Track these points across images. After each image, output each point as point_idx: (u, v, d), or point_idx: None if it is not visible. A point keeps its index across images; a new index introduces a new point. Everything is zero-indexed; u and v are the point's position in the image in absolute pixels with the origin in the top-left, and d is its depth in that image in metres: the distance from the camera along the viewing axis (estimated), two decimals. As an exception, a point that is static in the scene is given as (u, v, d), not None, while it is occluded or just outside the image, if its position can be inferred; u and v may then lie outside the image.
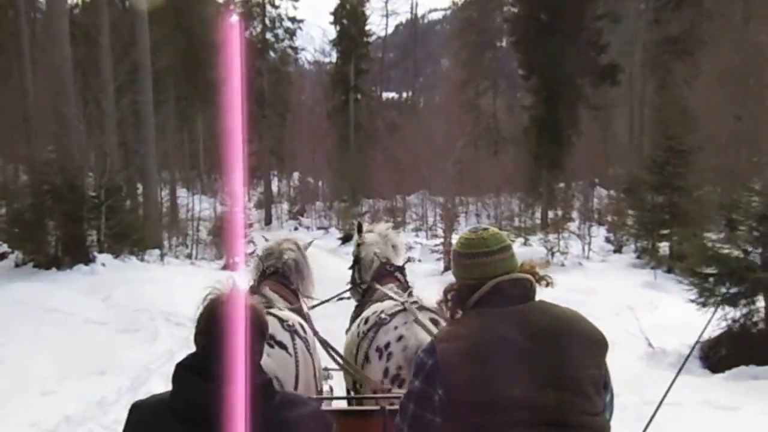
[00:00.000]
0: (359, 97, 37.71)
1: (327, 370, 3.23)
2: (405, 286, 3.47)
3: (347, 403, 2.91)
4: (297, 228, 32.79)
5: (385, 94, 47.38)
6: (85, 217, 11.43)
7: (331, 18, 37.08)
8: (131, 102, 16.26)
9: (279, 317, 2.66)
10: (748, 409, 4.81)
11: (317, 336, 2.97)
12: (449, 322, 1.71)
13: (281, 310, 2.85)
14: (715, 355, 6.21)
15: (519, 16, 25.73)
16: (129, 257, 12.33)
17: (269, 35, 34.65)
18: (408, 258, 4.11)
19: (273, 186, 38.54)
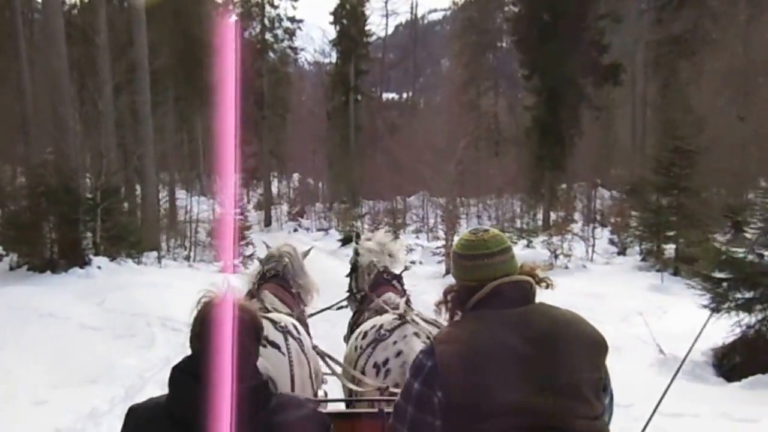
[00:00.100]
0: (359, 98, 37.52)
1: (325, 374, 3.20)
2: (402, 294, 3.45)
3: (345, 406, 2.89)
4: (296, 229, 32.65)
5: (385, 94, 47.18)
6: (81, 220, 11.23)
7: (331, 18, 36.92)
8: (129, 102, 16.07)
9: (271, 319, 2.68)
10: (767, 421, 4.63)
11: (316, 349, 2.96)
12: (448, 323, 1.68)
13: (275, 312, 2.87)
14: (729, 363, 6.04)
15: (521, 15, 25.53)
16: (125, 260, 12.16)
17: (268, 35, 34.45)
18: (406, 266, 4.06)
19: (273, 187, 38.41)
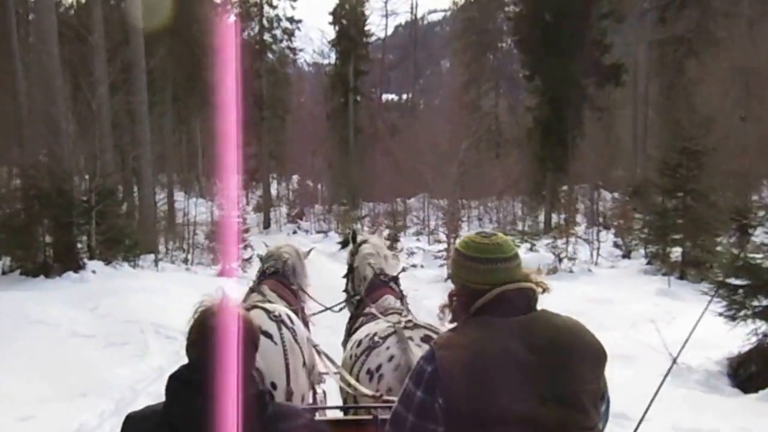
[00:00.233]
0: (359, 99, 37.29)
1: (320, 374, 3.26)
2: (400, 296, 3.52)
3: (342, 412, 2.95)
4: (296, 231, 32.41)
5: (385, 96, 46.96)
6: (75, 223, 11.00)
7: (330, 18, 36.68)
8: (125, 102, 15.82)
9: (266, 309, 2.69)
10: (790, 437, 4.40)
11: (315, 348, 3.03)
12: (449, 328, 1.63)
13: (270, 303, 2.89)
14: (745, 372, 5.80)
15: (522, 15, 25.28)
16: (121, 264, 11.92)
17: (267, 36, 34.17)
18: (402, 268, 4.11)
19: (272, 189, 38.15)
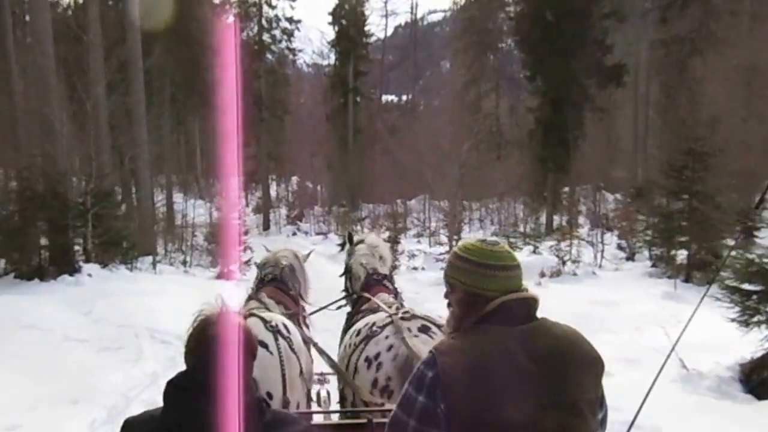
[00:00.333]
0: (358, 100, 37.07)
1: (323, 374, 3.26)
2: (394, 293, 3.57)
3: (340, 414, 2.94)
4: (295, 233, 32.22)
5: (385, 96, 46.77)
6: (71, 225, 10.80)
7: (330, 19, 36.45)
8: (122, 102, 15.63)
9: (262, 318, 2.68)
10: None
11: (316, 346, 3.02)
12: (451, 334, 1.62)
13: (268, 312, 2.89)
14: (758, 378, 5.62)
15: (523, 14, 25.09)
16: (118, 267, 11.73)
17: (266, 36, 33.93)
18: (394, 266, 4.18)
19: (271, 190, 37.95)
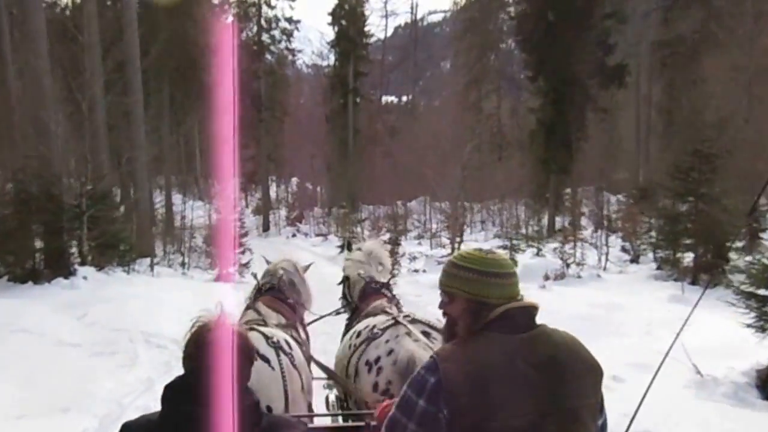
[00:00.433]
0: (358, 101, 36.90)
1: (327, 379, 3.25)
2: (394, 301, 3.54)
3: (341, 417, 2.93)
4: (295, 235, 32.06)
5: (385, 97, 46.58)
6: (66, 228, 10.62)
7: (329, 19, 36.28)
8: (120, 103, 15.45)
9: (264, 333, 2.67)
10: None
11: (318, 363, 3.04)
12: (453, 341, 1.61)
13: (268, 327, 2.87)
14: (774, 384, 5.43)
15: (525, 14, 24.94)
16: (115, 270, 11.55)
17: (265, 36, 33.81)
18: (392, 274, 4.08)
19: (271, 192, 37.79)
